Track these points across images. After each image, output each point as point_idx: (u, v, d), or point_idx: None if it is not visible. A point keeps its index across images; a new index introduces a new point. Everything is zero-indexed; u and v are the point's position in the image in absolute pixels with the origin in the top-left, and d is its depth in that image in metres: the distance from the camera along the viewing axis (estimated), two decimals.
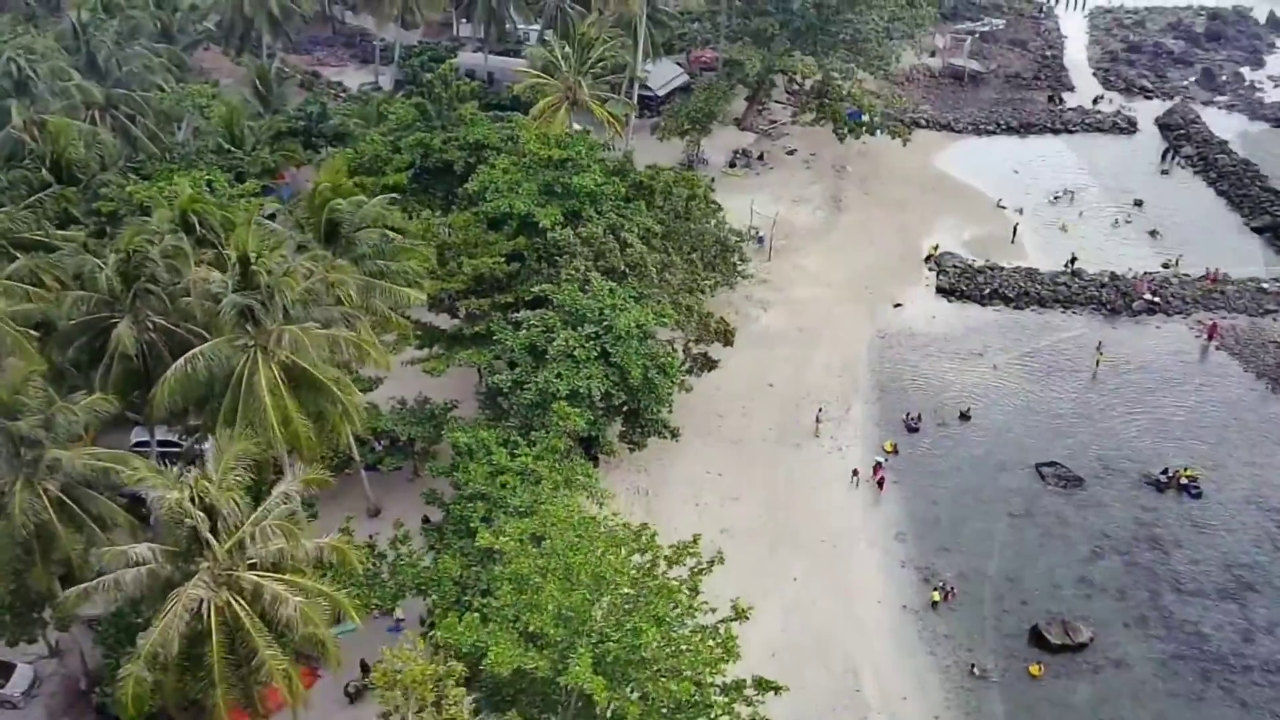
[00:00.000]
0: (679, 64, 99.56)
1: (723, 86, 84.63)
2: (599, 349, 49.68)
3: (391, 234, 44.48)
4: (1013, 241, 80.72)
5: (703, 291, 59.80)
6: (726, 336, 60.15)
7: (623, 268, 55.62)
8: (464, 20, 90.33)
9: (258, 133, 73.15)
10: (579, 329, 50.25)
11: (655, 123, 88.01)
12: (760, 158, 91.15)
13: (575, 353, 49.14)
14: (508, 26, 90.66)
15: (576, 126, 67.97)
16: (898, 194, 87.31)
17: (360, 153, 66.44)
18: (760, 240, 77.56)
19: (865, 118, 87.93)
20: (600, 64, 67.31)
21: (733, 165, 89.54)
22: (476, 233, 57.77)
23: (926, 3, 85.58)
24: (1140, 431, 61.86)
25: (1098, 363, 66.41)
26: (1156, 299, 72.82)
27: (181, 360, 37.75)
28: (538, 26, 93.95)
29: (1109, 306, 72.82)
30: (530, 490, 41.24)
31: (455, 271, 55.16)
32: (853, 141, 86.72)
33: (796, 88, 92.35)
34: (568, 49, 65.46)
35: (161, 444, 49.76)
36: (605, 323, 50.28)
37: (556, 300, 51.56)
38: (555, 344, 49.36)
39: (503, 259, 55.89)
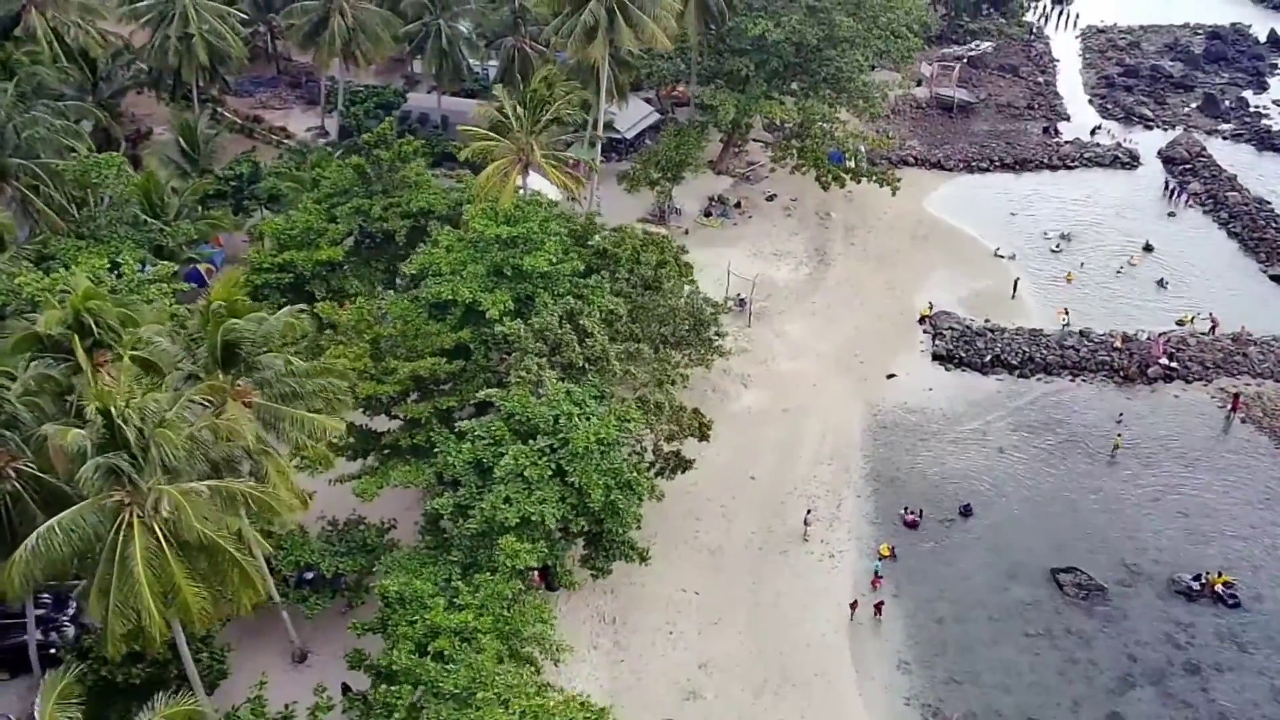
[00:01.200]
0: (648, 100, 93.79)
1: (694, 133, 78.69)
2: (554, 465, 43.58)
3: (295, 362, 38.12)
4: (1013, 296, 75.07)
5: (673, 383, 53.69)
6: (702, 431, 54.10)
7: (582, 363, 49.55)
8: (417, 57, 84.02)
9: (183, 197, 66.82)
10: (531, 442, 44.14)
11: (624, 170, 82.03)
12: (738, 205, 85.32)
13: (526, 472, 43.04)
14: (463, 66, 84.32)
15: (534, 188, 61.98)
16: (887, 244, 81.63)
17: (291, 223, 60.22)
18: (741, 304, 71.66)
19: (849, 161, 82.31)
20: (555, 123, 61.18)
21: (708, 215, 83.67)
22: (416, 323, 51.64)
23: (913, 33, 79.68)
24: (1165, 524, 56.19)
25: (1116, 446, 60.61)
26: (1174, 364, 67.19)
27: (33, 536, 31.41)
28: (495, 63, 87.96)
29: (1122, 373, 67.22)
30: (468, 667, 35.03)
31: (392, 369, 48.99)
32: (837, 187, 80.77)
33: (775, 128, 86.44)
34: (520, 109, 59.28)
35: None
36: (561, 434, 44.18)
37: (505, 408, 45.44)
38: (503, 462, 43.25)
39: (444, 358, 49.75)
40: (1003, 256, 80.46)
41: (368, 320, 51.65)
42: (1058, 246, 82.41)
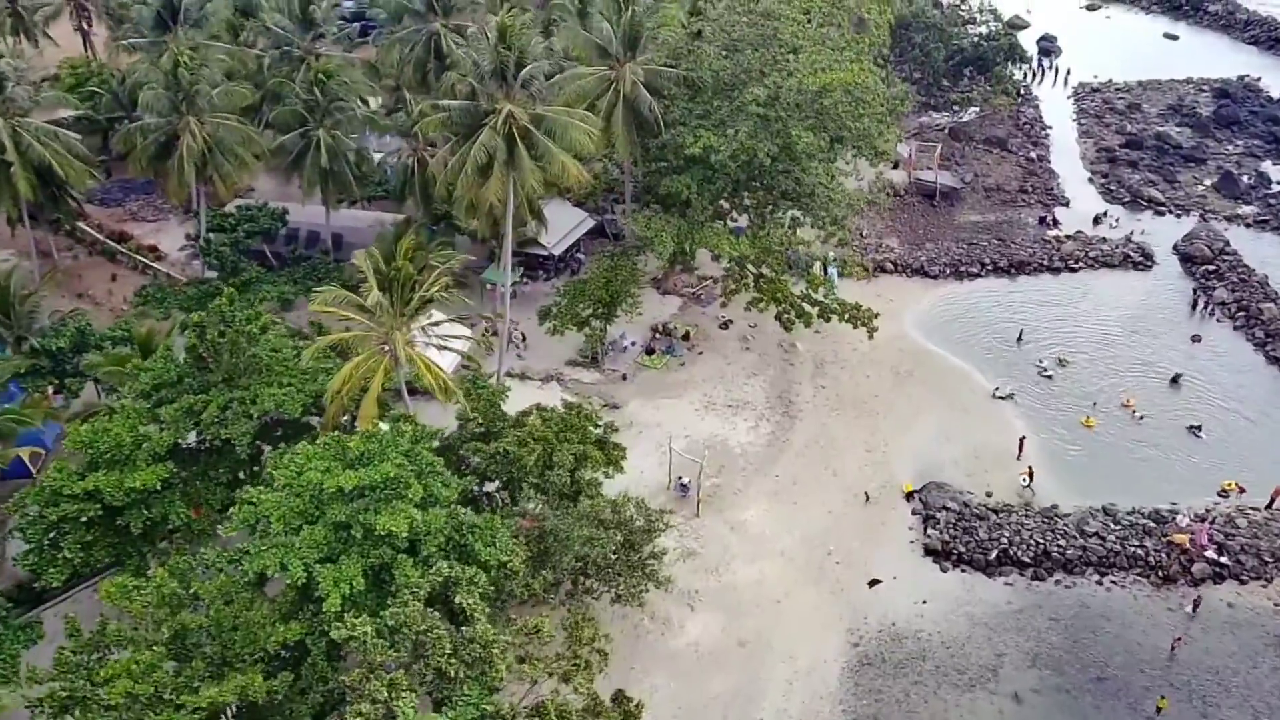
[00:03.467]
0: (581, 203, 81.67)
1: (628, 264, 66.56)
2: None
3: None
4: (1018, 457, 63.08)
5: (595, 668, 41.31)
6: None
7: (456, 670, 37.10)
8: (295, 173, 71.59)
9: None
10: None
11: (551, 299, 69.85)
12: (686, 337, 73.20)
13: None
14: (350, 180, 71.69)
15: (403, 407, 49.79)
16: (863, 385, 69.67)
17: (97, 434, 47.49)
18: (684, 489, 59.50)
19: (812, 268, 70.61)
20: (429, 303, 48.68)
21: (650, 353, 71.54)
22: (237, 607, 39.20)
23: (887, 126, 67.40)
24: None
25: (1159, 709, 48.47)
26: (1223, 558, 55.32)
27: None
28: (396, 155, 75.85)
29: (1159, 570, 55.30)
30: None
31: (187, 689, 36.46)
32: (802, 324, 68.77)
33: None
34: (384, 300, 46.63)
35: None
36: None
37: None
38: None
39: (263, 670, 37.21)
40: (1002, 397, 68.72)
41: (170, 604, 39.20)
42: (1048, 372, 70.94)
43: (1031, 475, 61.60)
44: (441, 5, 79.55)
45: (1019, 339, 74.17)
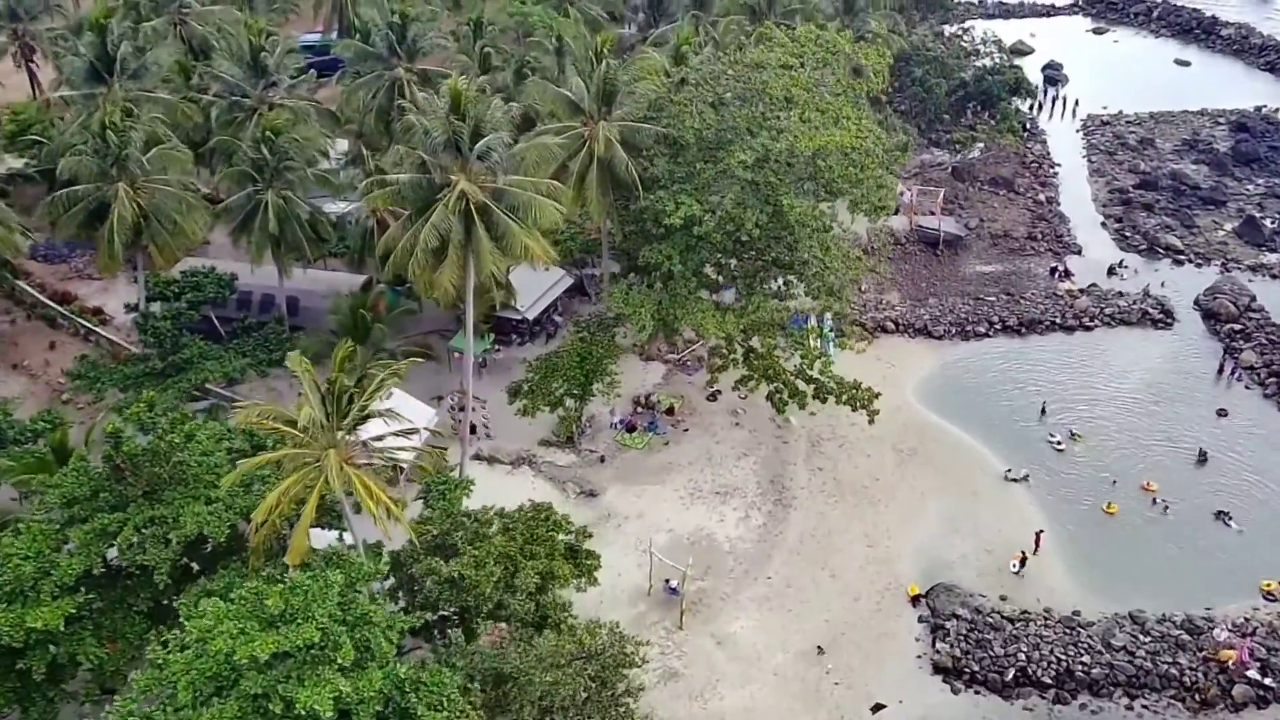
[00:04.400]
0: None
1: (605, 339, 61.27)
2: None
3: None
4: (1035, 552, 57.80)
5: None
6: None
7: None
8: (242, 237, 66.12)
9: None
10: None
11: (523, 371, 64.55)
12: (670, 411, 67.88)
13: None
14: (304, 242, 66.25)
15: (346, 537, 44.40)
16: (863, 466, 64.45)
17: None
18: (673, 591, 54.21)
19: (809, 327, 65.26)
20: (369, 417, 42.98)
21: (631, 430, 66.17)
22: None
23: (892, 168, 61.97)
24: None
25: None
26: (1267, 679, 50.00)
27: None
28: (355, 214, 70.61)
29: (1196, 693, 49.97)
30: None
31: None
32: (795, 407, 63.35)
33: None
34: (317, 411, 41.04)
35: None
36: None
37: None
38: None
39: None
40: (1015, 479, 63.47)
41: None
42: (1060, 445, 65.83)
43: (1024, 561, 56.64)
44: (405, 49, 74.39)
45: (1042, 412, 68.84)
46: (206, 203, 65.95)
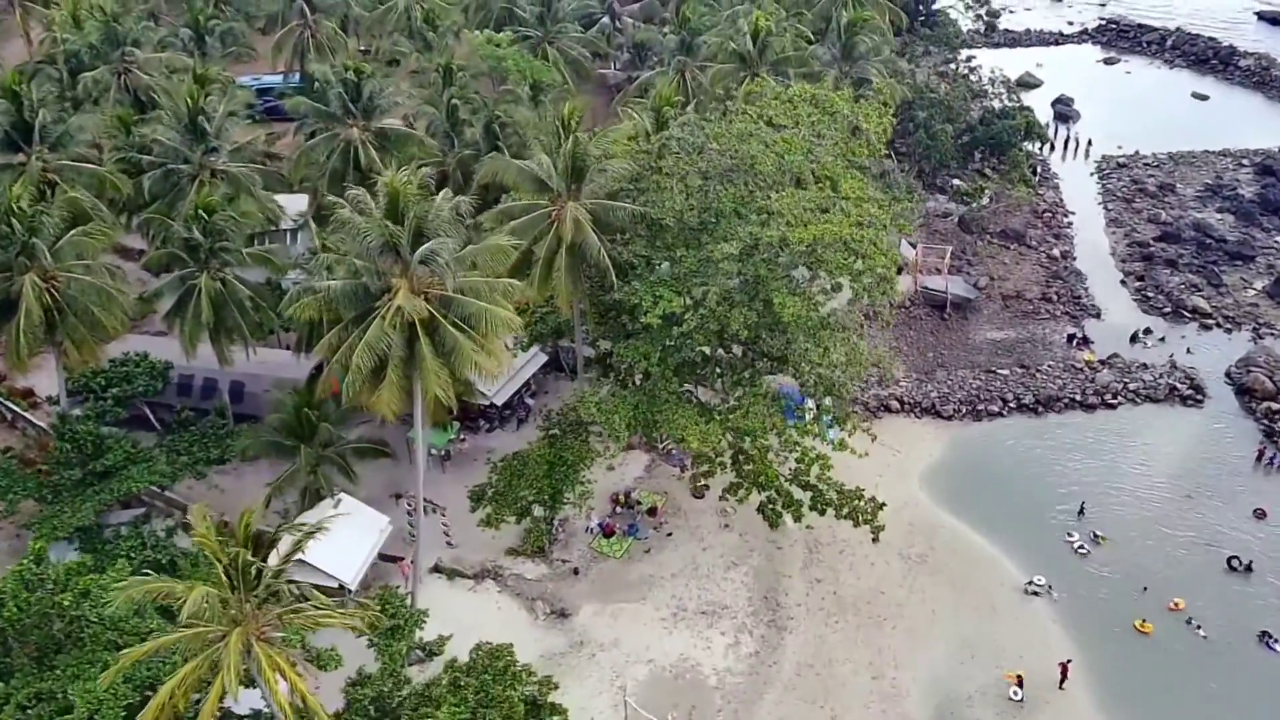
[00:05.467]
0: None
1: (575, 444, 55.26)
2: None
3: None
4: (1061, 686, 51.78)
5: None
6: None
7: None
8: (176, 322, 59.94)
9: None
10: None
11: (481, 487, 58.52)
12: (652, 511, 61.83)
13: None
14: (246, 327, 60.10)
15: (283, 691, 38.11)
16: (866, 576, 58.53)
17: None
18: None
19: (807, 409, 59.23)
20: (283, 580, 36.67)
21: (609, 535, 60.06)
22: None
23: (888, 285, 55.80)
24: None
25: None
26: None
27: None
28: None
29: None
30: None
31: None
32: (790, 518, 57.19)
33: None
34: (221, 582, 34.78)
35: None
36: None
37: None
38: None
39: None
40: (1037, 591, 57.44)
41: None
42: (1084, 549, 59.86)
43: (1021, 683, 50.69)
44: (360, 107, 68.50)
45: (1080, 513, 62.72)
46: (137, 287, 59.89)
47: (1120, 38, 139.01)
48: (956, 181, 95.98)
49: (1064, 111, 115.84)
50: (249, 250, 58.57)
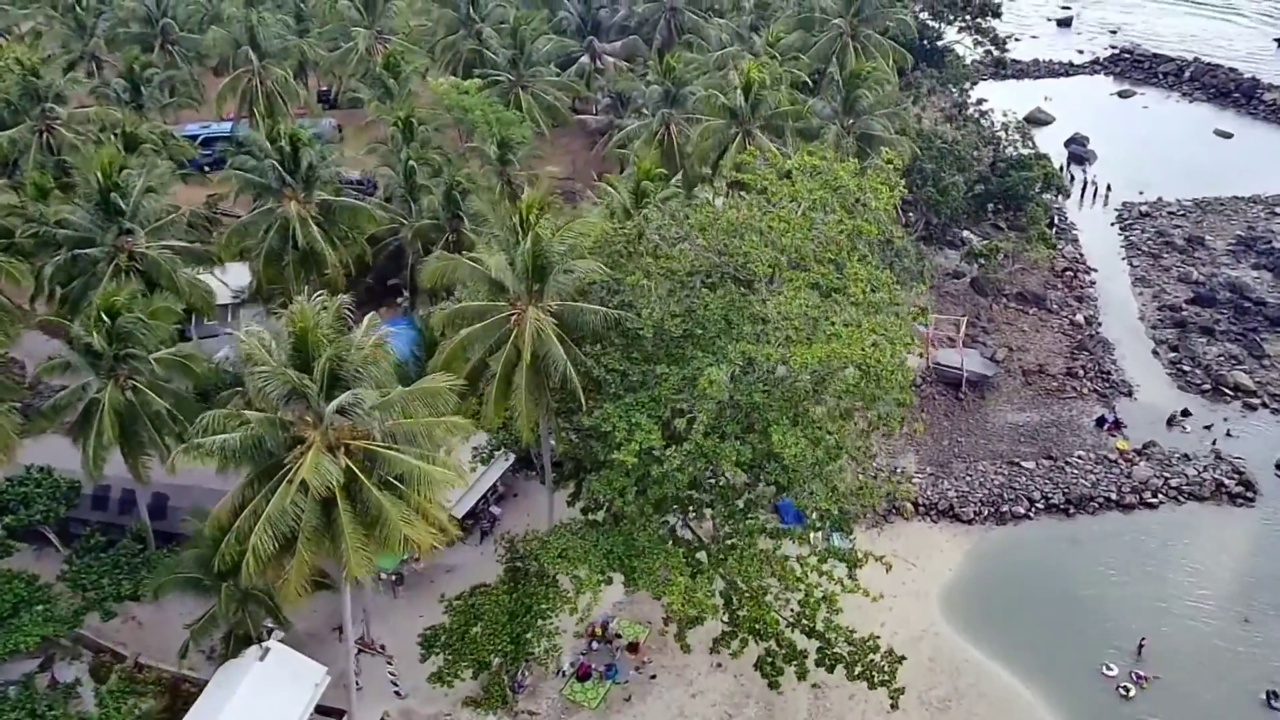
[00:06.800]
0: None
1: (541, 591, 47.42)
2: None
3: None
4: None
5: None
6: None
7: None
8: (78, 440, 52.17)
9: None
10: None
11: (433, 629, 50.67)
12: (633, 647, 54.19)
13: None
14: (161, 446, 52.31)
15: None
16: None
17: None
18: None
19: (806, 523, 51.34)
20: None
21: (584, 679, 52.30)
22: None
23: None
24: None
25: None
26: None
27: None
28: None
29: None
30: None
31: None
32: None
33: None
34: None
35: None
36: None
37: None
38: None
39: None
40: None
41: None
42: (1129, 692, 52.26)
43: None
44: (299, 179, 60.90)
45: (1139, 651, 54.77)
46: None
47: (1134, 68, 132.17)
48: (968, 234, 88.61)
49: (1079, 153, 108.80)
50: (161, 356, 50.59)
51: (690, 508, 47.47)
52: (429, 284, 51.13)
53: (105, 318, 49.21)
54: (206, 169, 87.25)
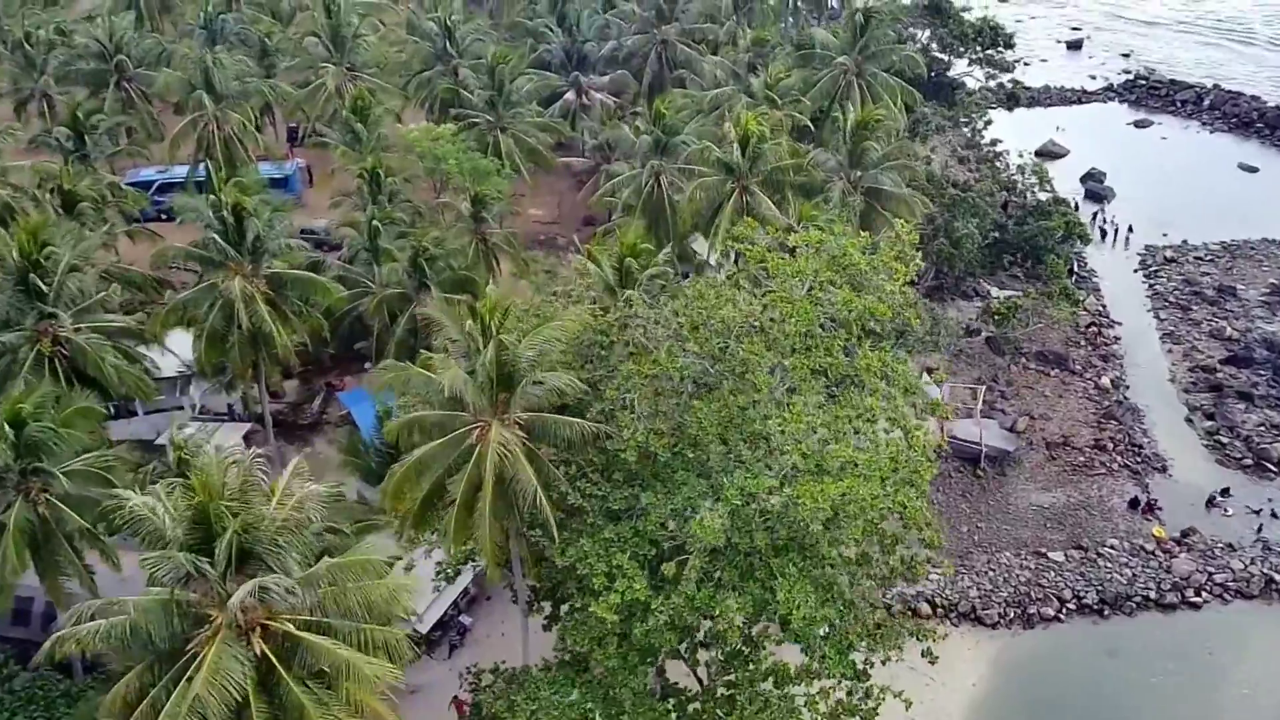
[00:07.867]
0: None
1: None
2: None
3: None
4: None
5: None
6: None
7: None
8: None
9: None
10: None
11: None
12: None
13: None
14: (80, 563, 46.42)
15: None
16: None
17: None
18: None
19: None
20: None
21: None
22: None
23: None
24: None
25: None
26: None
27: None
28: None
29: None
30: None
31: None
32: None
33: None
34: None
35: None
36: None
37: None
38: None
39: None
40: None
41: None
42: None
43: None
44: (245, 251, 55.01)
45: None
46: None
47: (1150, 95, 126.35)
48: (984, 284, 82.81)
49: (1096, 190, 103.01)
50: (74, 469, 44.61)
51: (680, 648, 41.47)
52: (380, 389, 45.19)
53: (9, 429, 43.24)
54: (163, 217, 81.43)
